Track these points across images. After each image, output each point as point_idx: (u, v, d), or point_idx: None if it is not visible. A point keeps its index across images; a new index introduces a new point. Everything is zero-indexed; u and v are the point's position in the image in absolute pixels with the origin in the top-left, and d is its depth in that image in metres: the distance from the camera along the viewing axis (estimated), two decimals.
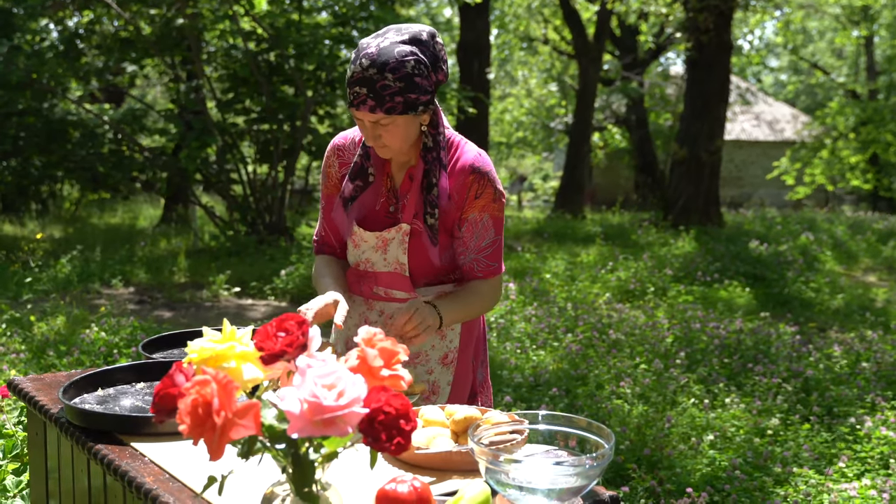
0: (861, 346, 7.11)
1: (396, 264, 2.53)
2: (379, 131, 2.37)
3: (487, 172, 2.48)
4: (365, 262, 2.59)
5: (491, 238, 2.51)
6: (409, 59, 2.31)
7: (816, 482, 4.34)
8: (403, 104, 2.32)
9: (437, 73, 2.39)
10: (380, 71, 2.29)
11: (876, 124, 22.15)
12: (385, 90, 2.29)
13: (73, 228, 15.98)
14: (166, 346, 2.80)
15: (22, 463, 3.13)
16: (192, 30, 13.00)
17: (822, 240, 13.86)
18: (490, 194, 2.48)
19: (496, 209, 2.50)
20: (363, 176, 2.55)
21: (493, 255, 2.53)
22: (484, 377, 2.75)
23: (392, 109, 2.31)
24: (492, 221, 2.50)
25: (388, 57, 2.30)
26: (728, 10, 15.39)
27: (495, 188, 2.49)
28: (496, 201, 2.50)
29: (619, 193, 25.75)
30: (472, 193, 2.47)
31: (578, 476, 1.56)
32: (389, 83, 2.29)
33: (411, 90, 2.31)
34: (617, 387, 5.91)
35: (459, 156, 2.50)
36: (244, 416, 1.35)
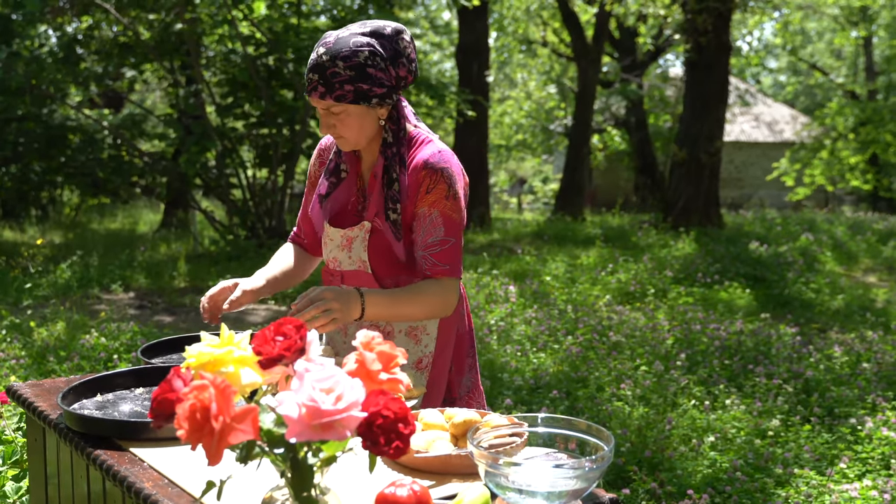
0: (861, 347, 7.10)
1: (360, 262, 2.55)
2: (332, 120, 2.42)
3: (443, 169, 2.46)
4: (333, 261, 2.62)
5: (440, 236, 2.45)
6: (364, 50, 2.35)
7: (817, 483, 4.34)
8: (354, 93, 2.35)
9: (397, 68, 2.40)
10: (332, 59, 2.34)
11: (875, 124, 22.16)
12: (335, 77, 2.34)
13: (73, 234, 15.99)
14: (165, 352, 2.80)
15: (21, 469, 3.13)
16: (191, 34, 13.00)
17: (822, 240, 13.85)
18: (442, 191, 2.45)
19: (448, 207, 2.46)
20: (337, 173, 2.60)
21: (441, 255, 2.46)
22: (473, 383, 2.73)
23: (342, 97, 2.36)
24: (441, 219, 2.45)
25: (343, 46, 2.36)
26: (727, 12, 15.39)
27: (450, 186, 2.46)
28: (449, 199, 2.46)
29: (619, 195, 25.75)
30: (423, 188, 2.45)
31: (578, 479, 1.55)
32: (340, 71, 2.34)
33: (362, 80, 2.35)
34: (617, 389, 5.91)
35: (417, 152, 2.50)
36: (242, 421, 1.35)
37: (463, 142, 18.00)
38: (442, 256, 2.46)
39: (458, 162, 2.53)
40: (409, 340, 2.58)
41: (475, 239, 15.79)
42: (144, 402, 2.30)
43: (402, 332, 2.57)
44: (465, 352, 2.70)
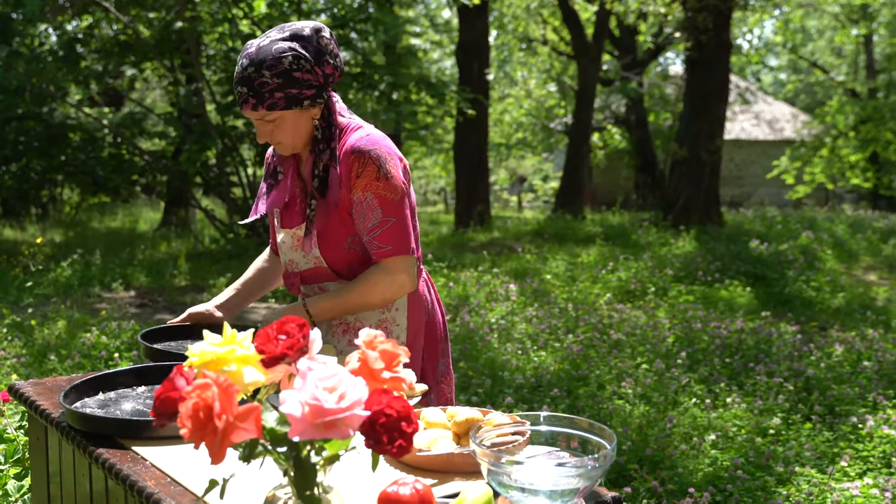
0: (862, 345, 7.10)
1: (314, 259, 2.57)
2: (269, 128, 2.44)
3: (369, 151, 2.46)
4: (290, 264, 2.66)
5: (378, 218, 2.46)
6: (287, 55, 2.36)
7: (819, 481, 4.34)
8: (285, 99, 2.37)
9: (322, 67, 2.41)
10: (257, 69, 2.35)
11: (875, 122, 22.15)
12: (263, 87, 2.36)
13: (74, 232, 15.99)
14: (165, 339, 2.80)
15: (23, 467, 3.13)
16: (192, 33, 13.00)
17: (822, 239, 13.85)
18: (372, 173, 2.45)
19: (381, 188, 2.45)
20: (274, 175, 2.62)
21: (383, 237, 2.46)
22: (446, 368, 2.77)
23: (273, 106, 2.38)
24: (376, 200, 2.45)
25: (266, 55, 2.36)
26: (727, 10, 15.39)
27: (380, 167, 2.45)
28: (380, 180, 2.45)
29: (619, 193, 25.76)
30: (353, 173, 2.46)
31: (580, 477, 1.55)
32: (267, 80, 2.35)
33: (291, 85, 2.37)
34: (618, 387, 5.91)
35: (345, 141, 2.51)
36: (245, 420, 1.35)
37: (463, 140, 17.99)
38: (384, 238, 2.46)
39: (389, 144, 2.52)
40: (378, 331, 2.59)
41: (475, 237, 15.79)
42: (146, 400, 2.30)
43: (372, 325, 2.58)
44: (437, 337, 2.72)
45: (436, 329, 2.72)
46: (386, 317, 2.61)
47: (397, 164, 2.50)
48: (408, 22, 18.18)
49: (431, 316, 2.71)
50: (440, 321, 2.75)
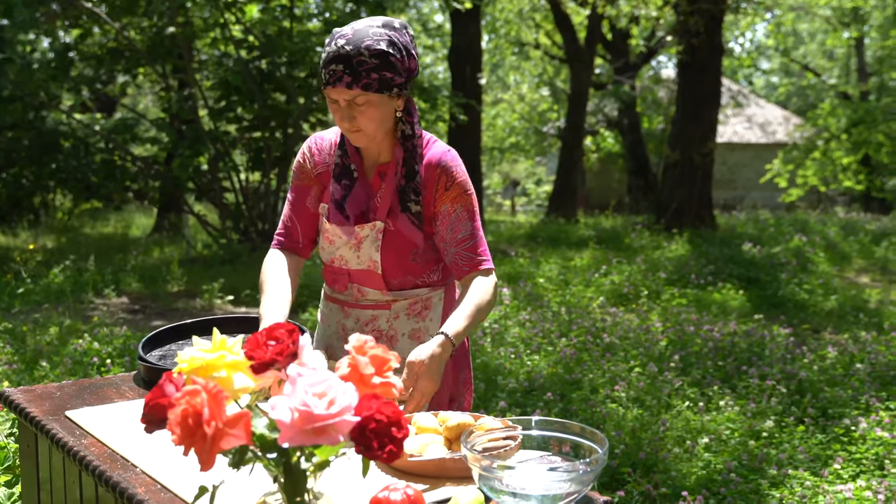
0: (855, 348, 7.11)
1: (370, 262, 2.54)
2: (354, 112, 2.39)
3: (456, 166, 2.51)
4: (339, 259, 2.60)
5: (469, 230, 2.50)
6: (385, 38, 2.36)
7: (812, 484, 4.34)
8: (379, 81, 2.35)
9: (409, 60, 2.41)
10: (356, 47, 2.34)
11: (867, 125, 22.19)
12: (361, 66, 2.33)
13: (66, 238, 15.95)
14: (165, 342, 2.78)
15: (14, 475, 3.11)
16: (184, 38, 12.98)
17: (815, 241, 13.88)
18: (461, 186, 2.50)
19: (469, 202, 2.51)
20: (348, 174, 2.56)
21: (474, 247, 2.51)
22: (465, 377, 2.75)
23: (368, 86, 2.34)
24: (466, 213, 2.50)
25: (364, 35, 2.36)
26: (719, 13, 15.43)
27: (465, 181, 2.52)
28: (468, 194, 2.51)
29: (612, 197, 25.79)
30: (441, 186, 2.48)
31: (572, 482, 1.55)
32: (365, 59, 2.33)
33: (386, 68, 2.35)
34: (611, 391, 5.91)
35: (427, 151, 2.52)
36: (235, 426, 1.35)
37: (456, 144, 17.98)
38: (476, 248, 2.51)
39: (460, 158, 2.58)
40: (412, 342, 2.60)
41: None
42: None
43: (405, 335, 2.60)
44: (464, 348, 2.73)
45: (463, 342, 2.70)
46: (420, 326, 2.62)
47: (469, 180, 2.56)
48: None
49: None
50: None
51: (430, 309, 2.63)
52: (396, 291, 2.59)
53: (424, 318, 2.62)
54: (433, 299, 2.64)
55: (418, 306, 2.61)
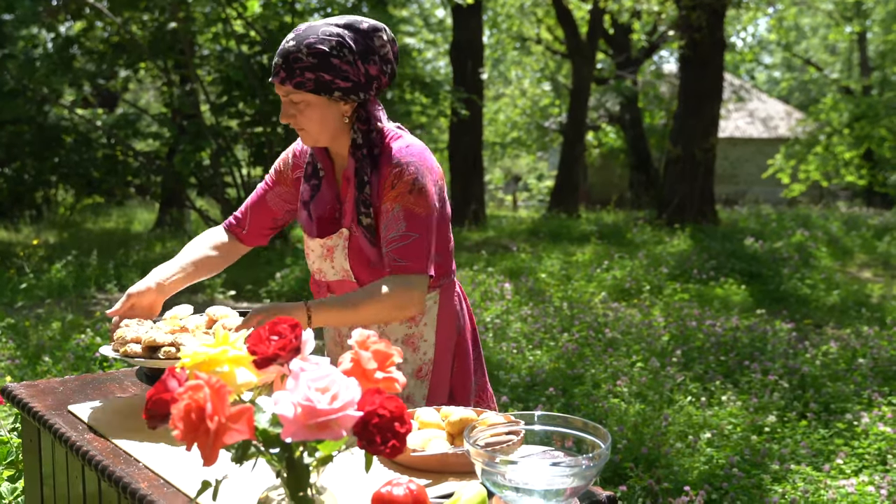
0: (857, 342, 7.11)
1: (343, 271, 2.48)
2: (292, 110, 2.36)
3: (407, 163, 2.36)
4: (318, 272, 2.56)
5: (401, 231, 2.34)
6: (332, 39, 2.29)
7: (814, 479, 4.34)
8: (315, 82, 2.29)
9: (367, 65, 2.32)
10: (297, 44, 2.29)
11: (870, 120, 22.17)
12: (297, 63, 2.28)
13: (68, 234, 15.96)
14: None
15: (17, 469, 3.12)
16: (185, 33, 12.98)
17: (817, 236, 13.87)
18: (406, 185, 2.34)
19: (410, 202, 2.34)
20: (316, 175, 2.53)
21: (401, 251, 2.33)
22: (481, 386, 2.65)
23: (301, 85, 2.29)
24: (403, 213, 2.34)
25: (312, 33, 2.30)
26: (721, 8, 15.40)
27: (415, 180, 2.35)
28: (412, 193, 2.34)
29: (614, 192, 25.77)
30: (388, 184, 2.36)
31: (575, 477, 1.55)
32: (302, 57, 2.28)
33: (325, 70, 2.28)
34: (613, 386, 5.91)
35: (386, 150, 2.40)
36: (237, 421, 1.35)
37: (457, 139, 18.00)
38: (402, 252, 2.33)
39: (429, 156, 2.42)
40: (405, 349, 2.50)
41: (470, 237, 15.79)
42: None
43: (398, 340, 2.50)
44: (469, 353, 2.61)
45: (466, 344, 2.60)
46: (413, 331, 2.51)
47: (434, 180, 2.40)
48: (401, 21, 18.15)
49: (462, 332, 2.59)
50: (472, 336, 2.64)
51: (423, 313, 2.50)
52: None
53: (418, 323, 2.50)
54: (427, 302, 2.50)
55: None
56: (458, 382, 2.57)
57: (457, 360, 2.58)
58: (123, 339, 2.30)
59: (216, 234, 2.71)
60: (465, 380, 2.59)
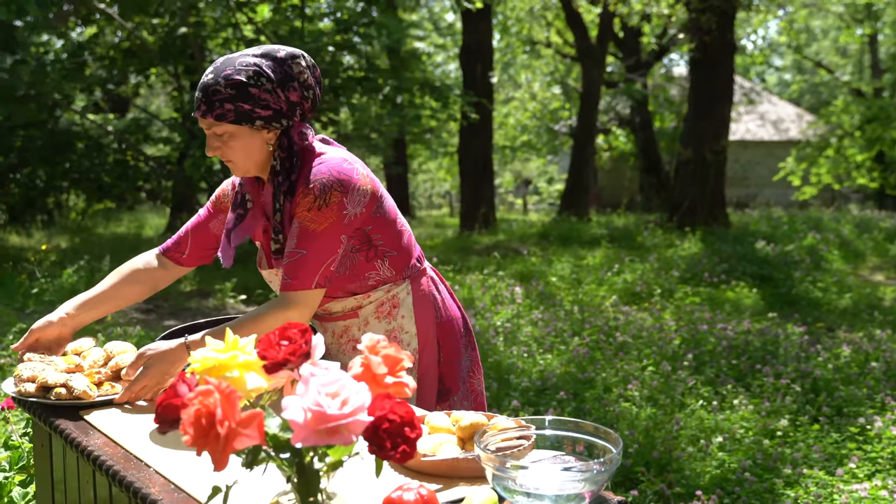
0: (870, 346, 7.08)
1: None
2: (217, 143, 2.37)
3: (317, 181, 2.35)
4: None
5: (291, 247, 2.36)
6: (249, 69, 2.31)
7: (827, 483, 4.32)
8: (234, 112, 2.30)
9: (286, 92, 2.34)
10: (215, 76, 2.31)
11: (881, 122, 22.11)
12: (215, 95, 2.30)
13: (80, 238, 16.01)
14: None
15: (28, 474, 3.12)
16: (195, 38, 13.02)
17: (828, 239, 13.83)
18: (309, 202, 2.34)
19: (309, 218, 2.34)
20: (243, 205, 2.54)
21: (289, 268, 2.35)
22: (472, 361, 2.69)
23: (221, 117, 2.31)
24: (298, 229, 2.35)
25: (228, 65, 2.32)
26: (731, 10, 15.38)
27: (318, 196, 2.33)
28: (311, 210, 2.34)
29: (624, 195, 25.74)
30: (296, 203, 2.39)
31: (586, 482, 1.54)
32: (220, 89, 2.30)
33: (244, 100, 2.30)
34: (625, 390, 5.89)
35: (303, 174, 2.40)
36: (248, 426, 1.35)
37: (467, 143, 18.01)
38: (290, 268, 2.36)
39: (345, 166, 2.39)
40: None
41: (480, 240, 15.79)
42: None
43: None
44: (456, 333, 2.64)
45: (452, 325, 2.63)
46: (393, 326, 2.54)
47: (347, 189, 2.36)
48: (411, 25, 18.20)
49: (444, 312, 2.62)
50: (457, 315, 2.67)
51: (398, 307, 2.54)
52: (355, 296, 2.51)
53: (395, 317, 2.53)
54: (399, 295, 2.53)
55: (386, 306, 2.53)
56: (447, 368, 2.61)
57: (442, 346, 2.60)
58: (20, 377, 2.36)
59: (143, 262, 2.73)
60: (456, 360, 2.63)
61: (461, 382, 2.64)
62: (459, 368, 2.64)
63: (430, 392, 2.57)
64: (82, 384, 2.30)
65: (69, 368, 2.42)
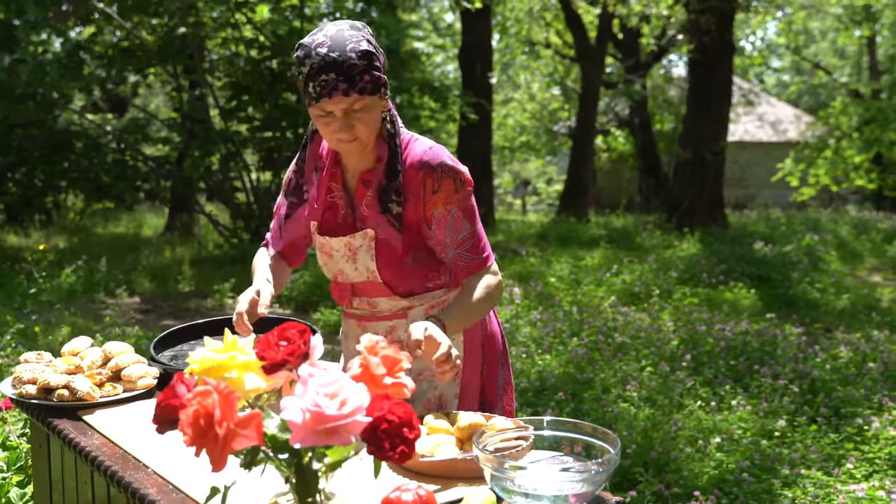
0: (867, 347, 7.08)
1: (367, 272, 2.44)
2: (353, 121, 2.28)
3: (440, 164, 2.35)
4: (340, 274, 2.50)
5: (467, 230, 2.39)
6: (363, 39, 2.26)
7: (824, 484, 4.32)
8: (371, 83, 2.25)
9: (382, 57, 2.32)
10: (342, 53, 2.22)
11: (879, 123, 22.11)
12: (353, 70, 2.22)
13: (78, 238, 16.00)
14: (176, 342, 2.80)
15: (26, 475, 3.12)
16: (195, 38, 13.02)
17: (826, 240, 13.83)
18: (450, 186, 2.36)
19: (461, 199, 2.38)
20: (297, 192, 2.53)
21: (474, 247, 2.41)
22: (506, 379, 2.66)
23: (364, 90, 2.23)
24: (461, 213, 2.38)
25: (344, 39, 2.24)
26: (730, 11, 15.38)
27: (455, 178, 2.36)
28: (458, 192, 2.37)
29: (623, 196, 25.73)
30: (427, 190, 2.35)
31: (584, 482, 1.55)
32: (356, 62, 2.22)
33: (374, 68, 2.26)
34: (623, 390, 5.90)
35: (408, 153, 2.39)
36: (246, 427, 1.35)
37: (466, 143, 18.01)
38: (477, 248, 2.41)
39: (447, 152, 2.42)
40: None
41: None
42: None
43: None
44: (497, 349, 2.62)
45: (494, 340, 2.61)
46: None
47: (463, 171, 2.41)
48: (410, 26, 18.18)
49: (488, 326, 2.60)
50: (498, 332, 2.65)
51: None
52: (409, 297, 2.46)
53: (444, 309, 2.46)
54: (450, 300, 2.50)
55: (436, 311, 2.46)
56: (488, 381, 2.59)
57: (486, 356, 2.58)
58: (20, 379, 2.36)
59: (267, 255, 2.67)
60: (494, 376, 2.60)
61: (498, 399, 2.61)
62: (496, 384, 2.61)
63: (471, 403, 2.53)
64: (85, 385, 2.31)
65: (69, 369, 2.42)
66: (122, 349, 2.51)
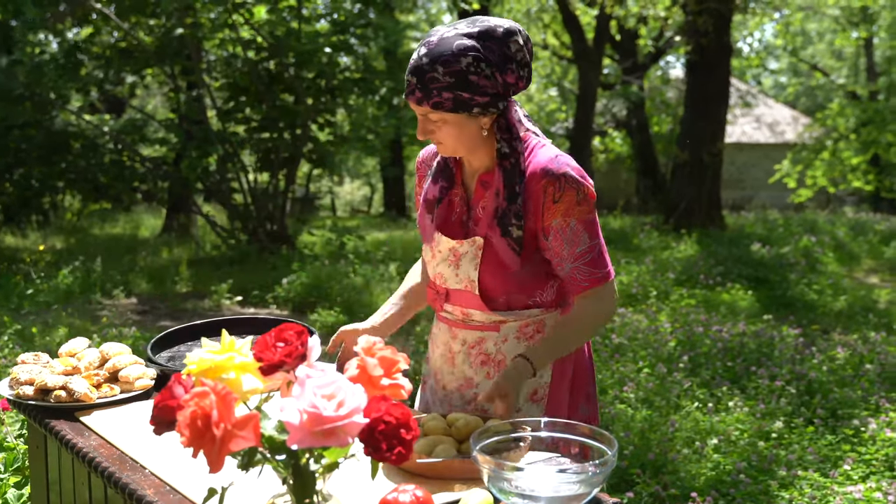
0: (864, 348, 7.09)
1: (467, 281, 2.34)
2: (430, 126, 2.24)
3: (564, 174, 2.22)
4: (438, 277, 2.42)
5: (586, 244, 2.25)
6: (468, 55, 2.14)
7: (821, 485, 4.33)
8: (453, 101, 2.15)
9: (504, 75, 2.18)
10: (432, 62, 2.14)
11: (877, 125, 22.12)
12: (433, 83, 2.14)
13: (75, 239, 15.99)
14: (173, 343, 2.79)
15: (23, 476, 3.12)
16: (192, 39, 13.01)
17: (824, 241, 13.84)
18: (572, 197, 2.22)
19: (583, 212, 2.24)
20: (447, 174, 2.40)
21: (593, 262, 2.26)
22: (590, 413, 2.48)
23: (439, 105, 2.16)
24: (581, 226, 2.24)
25: (445, 49, 2.15)
26: (727, 13, 15.40)
27: (578, 189, 2.23)
28: (581, 203, 2.24)
29: (621, 197, 25.73)
30: (548, 199, 2.23)
31: (581, 483, 1.55)
32: (438, 77, 2.13)
33: (463, 88, 2.14)
34: (620, 391, 5.90)
35: (532, 159, 2.27)
36: (244, 428, 1.35)
37: None
38: (595, 263, 2.27)
39: (574, 162, 2.29)
40: None
41: None
42: None
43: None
44: (585, 380, 2.47)
45: (584, 370, 2.46)
46: None
47: (588, 184, 2.28)
48: (408, 27, 18.20)
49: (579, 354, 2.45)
50: (589, 362, 2.50)
51: (542, 332, 2.37)
52: (504, 312, 2.34)
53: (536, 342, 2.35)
54: (546, 322, 2.37)
55: (530, 329, 2.36)
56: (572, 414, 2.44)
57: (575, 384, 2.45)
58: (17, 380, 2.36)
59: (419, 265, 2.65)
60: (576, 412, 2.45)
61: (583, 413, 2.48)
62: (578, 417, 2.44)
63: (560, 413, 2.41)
64: (82, 386, 2.31)
65: (66, 370, 2.42)
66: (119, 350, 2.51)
